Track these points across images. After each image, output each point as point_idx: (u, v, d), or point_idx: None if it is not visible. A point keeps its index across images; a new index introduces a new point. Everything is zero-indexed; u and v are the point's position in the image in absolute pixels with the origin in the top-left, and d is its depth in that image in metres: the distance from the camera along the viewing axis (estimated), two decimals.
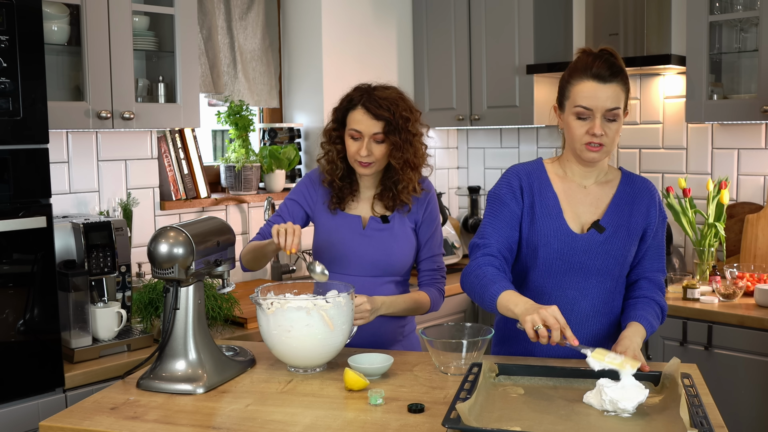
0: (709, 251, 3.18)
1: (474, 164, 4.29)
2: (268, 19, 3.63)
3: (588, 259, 1.96)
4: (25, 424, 2.10)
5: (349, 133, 2.17)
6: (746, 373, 2.78)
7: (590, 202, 2.01)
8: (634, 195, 2.01)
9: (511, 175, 2.05)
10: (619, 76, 1.90)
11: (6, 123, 2.01)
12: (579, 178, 2.02)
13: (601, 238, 1.96)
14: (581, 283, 1.98)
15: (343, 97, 2.24)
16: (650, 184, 2.05)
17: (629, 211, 1.99)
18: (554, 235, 1.97)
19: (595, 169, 2.02)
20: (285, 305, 1.86)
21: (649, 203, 2.01)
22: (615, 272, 1.99)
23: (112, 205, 2.80)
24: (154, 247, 1.82)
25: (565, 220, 1.98)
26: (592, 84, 1.89)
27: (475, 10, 3.79)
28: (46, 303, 2.11)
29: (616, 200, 2.00)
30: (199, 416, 1.67)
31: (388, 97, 2.16)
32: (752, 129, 3.30)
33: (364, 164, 2.17)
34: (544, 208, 1.99)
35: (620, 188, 2.02)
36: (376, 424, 1.59)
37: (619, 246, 1.97)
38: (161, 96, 2.91)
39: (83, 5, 2.51)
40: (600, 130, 1.89)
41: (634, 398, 1.56)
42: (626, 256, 1.99)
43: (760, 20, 2.99)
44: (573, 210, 2.00)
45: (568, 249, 1.96)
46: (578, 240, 1.97)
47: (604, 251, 1.96)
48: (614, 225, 1.98)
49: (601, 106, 1.89)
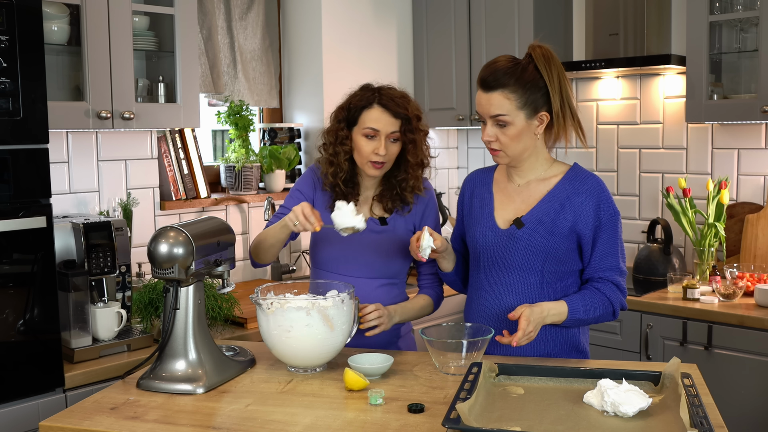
0: (709, 251, 3.18)
1: (474, 164, 4.29)
2: (268, 19, 3.63)
3: (508, 253, 2.01)
4: (25, 424, 2.10)
5: (364, 132, 2.14)
6: (746, 373, 2.78)
7: (522, 200, 2.05)
8: (571, 192, 2.00)
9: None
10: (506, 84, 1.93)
11: (6, 123, 2.01)
12: (515, 176, 2.08)
13: (519, 233, 2.00)
14: (505, 277, 2.03)
15: (351, 96, 2.21)
16: (594, 183, 2.01)
17: (559, 207, 1.99)
18: (480, 231, 2.07)
19: (528, 168, 2.04)
20: (285, 305, 1.86)
21: (584, 201, 1.99)
22: (537, 267, 2.00)
23: (112, 205, 2.80)
24: (154, 247, 1.82)
25: (494, 217, 2.06)
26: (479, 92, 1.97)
27: (475, 10, 3.79)
28: (46, 303, 2.11)
29: (548, 197, 2.01)
30: (199, 416, 1.67)
31: (402, 96, 2.18)
32: (752, 129, 3.30)
33: (378, 164, 2.15)
34: (480, 209, 2.10)
35: (558, 185, 2.02)
36: (376, 424, 1.59)
37: (539, 242, 1.98)
38: (161, 96, 2.91)
39: (83, 5, 2.51)
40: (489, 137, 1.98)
41: (636, 404, 1.55)
42: (550, 251, 1.98)
43: (760, 20, 2.99)
44: (504, 208, 2.06)
45: (491, 244, 2.04)
46: (500, 235, 2.03)
47: (523, 247, 1.99)
48: (536, 221, 1.99)
49: (484, 112, 1.96)
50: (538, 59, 1.94)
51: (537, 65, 1.94)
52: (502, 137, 1.96)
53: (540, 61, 1.94)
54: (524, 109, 1.94)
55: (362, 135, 2.15)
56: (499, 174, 2.13)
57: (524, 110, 1.94)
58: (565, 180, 2.02)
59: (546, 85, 1.94)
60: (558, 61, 1.97)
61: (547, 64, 1.95)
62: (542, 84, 1.94)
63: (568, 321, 1.96)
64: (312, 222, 1.97)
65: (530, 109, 1.94)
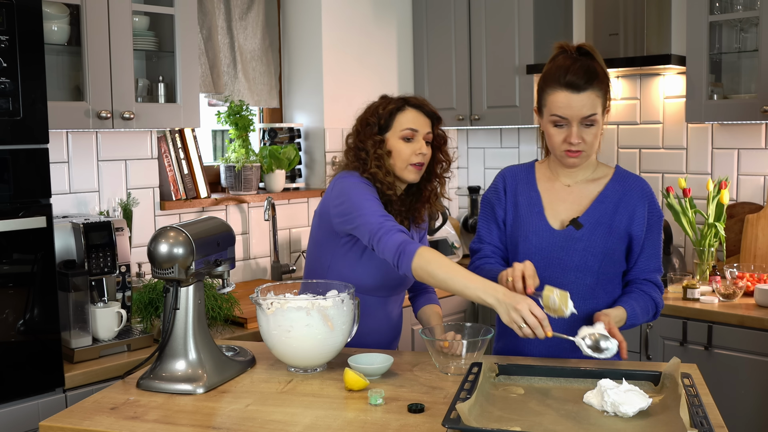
0: (709, 251, 3.18)
1: (474, 164, 4.29)
2: (268, 19, 3.63)
3: (566, 255, 1.98)
4: (25, 424, 2.10)
5: (403, 135, 2.10)
6: (746, 373, 2.78)
7: (573, 200, 2.03)
8: (623, 193, 2.01)
9: (498, 178, 2.13)
10: (594, 83, 1.91)
11: (6, 123, 2.01)
12: (563, 177, 2.05)
13: (578, 234, 1.98)
14: (560, 278, 1.98)
15: (374, 107, 2.16)
16: (644, 184, 2.04)
17: (614, 209, 1.99)
18: (533, 231, 2.01)
19: (580, 169, 2.03)
20: (285, 305, 1.86)
21: (636, 203, 2.00)
22: (594, 268, 1.98)
23: (112, 205, 2.80)
24: (154, 247, 1.82)
25: (545, 217, 2.02)
26: (566, 94, 1.90)
27: (475, 10, 3.79)
28: (46, 303, 2.11)
29: (601, 198, 2.01)
30: (199, 416, 1.67)
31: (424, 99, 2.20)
32: (752, 129, 3.30)
33: (419, 166, 2.11)
34: (527, 207, 2.05)
35: (609, 186, 2.02)
36: (376, 424, 1.59)
37: (598, 243, 1.97)
38: (161, 96, 2.91)
39: (83, 5, 2.51)
40: (576, 138, 1.92)
41: (636, 404, 1.55)
42: (607, 253, 1.98)
43: (760, 20, 2.99)
44: (554, 208, 2.03)
45: (546, 245, 2.00)
46: (556, 236, 1.99)
47: (582, 248, 1.97)
48: (594, 222, 1.98)
49: (576, 115, 1.90)
50: (598, 56, 1.95)
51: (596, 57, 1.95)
52: (587, 137, 1.93)
53: (600, 58, 1.95)
54: (603, 105, 1.95)
55: (400, 138, 2.10)
56: (540, 172, 2.09)
57: (603, 107, 1.94)
58: (614, 181, 2.03)
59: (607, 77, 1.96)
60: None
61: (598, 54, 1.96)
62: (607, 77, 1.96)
63: (624, 326, 1.96)
64: (545, 327, 1.73)
65: (605, 103, 1.96)
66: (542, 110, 1.99)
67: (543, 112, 1.98)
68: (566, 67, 1.91)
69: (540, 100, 1.99)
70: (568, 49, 1.98)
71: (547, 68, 1.98)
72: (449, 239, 3.68)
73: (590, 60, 1.94)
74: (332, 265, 2.13)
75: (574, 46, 1.98)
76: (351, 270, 2.10)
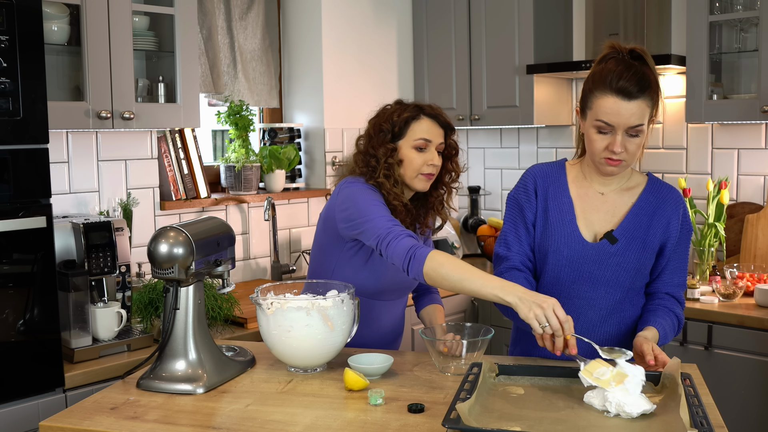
0: (709, 251, 3.18)
1: (474, 164, 4.29)
2: (268, 19, 3.63)
3: (598, 269, 1.89)
4: (25, 424, 2.10)
5: (416, 144, 2.07)
6: (746, 373, 2.78)
7: (606, 210, 1.93)
8: (657, 205, 1.92)
9: (527, 177, 2.00)
10: (647, 92, 1.78)
11: (6, 123, 2.01)
12: (597, 184, 1.95)
13: (613, 249, 1.88)
14: (589, 292, 1.91)
15: (389, 112, 2.12)
16: (677, 195, 1.95)
17: (648, 222, 1.90)
18: (565, 243, 1.91)
19: (615, 177, 1.93)
20: (285, 305, 1.86)
21: (671, 215, 1.91)
22: (626, 284, 1.91)
23: (112, 205, 2.80)
24: (154, 247, 1.82)
25: (577, 227, 1.91)
26: (616, 100, 1.77)
27: (475, 10, 3.79)
28: (46, 303, 2.11)
29: (636, 209, 1.91)
30: (199, 416, 1.67)
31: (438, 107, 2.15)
32: (752, 129, 3.30)
33: (430, 176, 2.10)
34: (558, 214, 1.93)
35: (642, 196, 1.93)
36: (376, 424, 1.59)
37: (632, 258, 1.89)
38: (161, 96, 2.91)
39: (83, 5, 2.51)
40: (620, 147, 1.80)
41: (640, 405, 1.55)
42: (639, 268, 1.91)
43: (760, 20, 2.99)
44: (587, 217, 1.93)
45: (578, 257, 1.90)
46: (589, 249, 1.90)
47: (615, 263, 1.89)
48: (629, 236, 1.89)
49: (623, 123, 1.79)
50: (651, 61, 1.81)
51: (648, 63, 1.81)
52: (630, 146, 1.81)
53: (653, 63, 1.82)
54: (651, 115, 1.83)
55: (413, 147, 2.08)
56: (572, 175, 1.98)
57: (650, 117, 1.82)
58: (648, 191, 1.93)
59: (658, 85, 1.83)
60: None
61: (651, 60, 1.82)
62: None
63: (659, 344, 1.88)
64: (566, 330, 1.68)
65: (652, 115, 1.83)
66: (586, 112, 1.85)
67: (587, 114, 1.85)
68: (619, 72, 1.78)
69: (585, 101, 1.86)
70: (621, 50, 1.84)
71: (597, 69, 1.84)
72: (449, 239, 3.68)
73: (644, 66, 1.81)
74: (336, 269, 2.13)
75: (626, 48, 1.84)
76: (355, 274, 2.09)
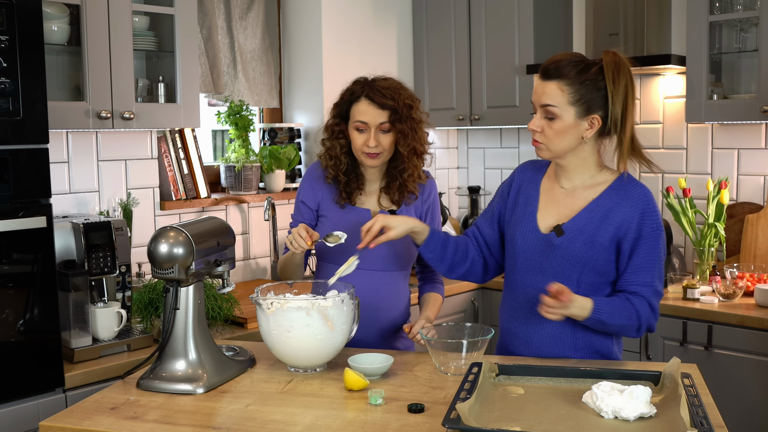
0: (709, 251, 3.18)
1: (474, 164, 4.29)
2: (268, 19, 3.63)
3: (545, 260, 1.96)
4: (25, 424, 2.10)
5: (355, 126, 2.18)
6: (746, 373, 2.78)
7: (566, 205, 1.98)
8: (616, 202, 1.93)
9: (514, 172, 2.14)
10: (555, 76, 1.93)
11: (6, 123, 2.01)
12: (562, 179, 2.02)
13: (557, 241, 1.94)
14: (539, 283, 1.94)
15: (343, 91, 2.25)
16: (642, 194, 1.94)
17: (602, 218, 1.92)
18: (520, 233, 2.01)
19: (575, 172, 1.98)
20: (285, 305, 1.86)
21: (629, 213, 1.91)
22: (574, 277, 1.93)
23: (112, 205, 2.80)
24: (154, 247, 1.82)
25: (536, 219, 2.00)
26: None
27: (475, 10, 3.79)
28: (46, 303, 2.11)
29: (592, 206, 1.94)
30: (199, 416, 1.67)
31: (390, 87, 2.19)
32: (752, 129, 3.30)
33: (372, 155, 2.18)
34: (524, 207, 2.04)
35: (604, 193, 1.95)
36: (376, 424, 1.59)
37: (577, 252, 1.92)
38: (161, 96, 2.91)
39: (83, 5, 2.51)
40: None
41: (638, 408, 1.54)
42: (587, 263, 1.92)
43: (760, 20, 2.99)
44: (547, 210, 2.00)
45: (528, 247, 1.99)
46: (539, 239, 1.97)
47: (560, 255, 1.93)
48: (576, 230, 1.93)
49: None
50: (607, 64, 1.88)
51: (604, 68, 1.89)
52: (548, 130, 1.91)
53: (609, 66, 1.88)
54: (576, 105, 1.88)
55: (353, 128, 2.19)
56: (550, 173, 2.06)
57: (575, 107, 1.88)
58: (611, 189, 1.95)
59: (605, 88, 1.88)
60: (629, 73, 1.90)
61: (616, 70, 1.88)
62: (602, 86, 1.88)
63: (590, 321, 1.88)
64: (301, 243, 2.06)
65: (582, 108, 1.88)
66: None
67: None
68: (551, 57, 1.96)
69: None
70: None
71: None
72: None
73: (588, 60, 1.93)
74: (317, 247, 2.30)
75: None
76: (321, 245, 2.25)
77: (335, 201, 2.26)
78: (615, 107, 1.88)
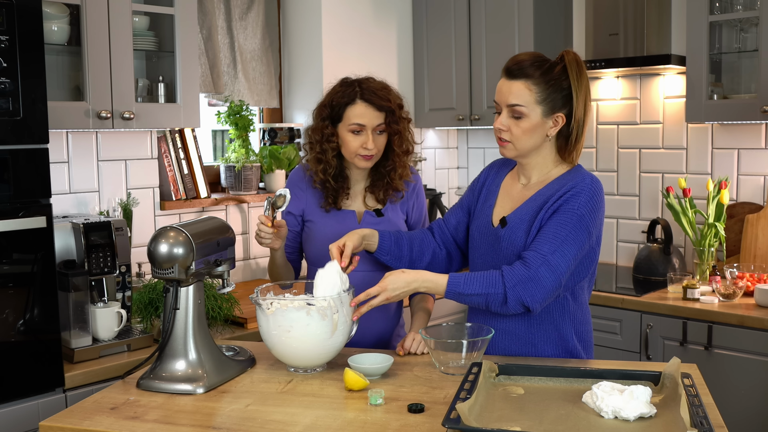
0: (709, 251, 3.18)
1: (474, 164, 4.29)
2: (268, 19, 3.63)
3: (494, 252, 1.99)
4: (25, 424, 2.10)
5: (351, 128, 2.16)
6: (746, 373, 2.78)
7: (519, 198, 2.01)
8: (555, 189, 1.93)
9: (484, 169, 2.19)
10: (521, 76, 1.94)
11: (6, 123, 2.01)
12: (521, 176, 2.05)
13: (502, 232, 1.97)
14: None
15: (331, 94, 2.21)
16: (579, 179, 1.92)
17: (538, 208, 1.93)
18: (476, 226, 2.06)
19: (533, 168, 2.00)
20: (285, 305, 1.86)
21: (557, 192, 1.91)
22: None
23: (112, 205, 2.80)
24: (154, 247, 1.82)
25: (491, 213, 2.04)
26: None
27: (475, 10, 3.79)
28: (46, 303, 2.11)
29: (535, 196, 1.96)
30: (199, 416, 1.67)
31: (383, 87, 2.19)
32: (752, 129, 3.30)
33: (368, 157, 2.18)
34: (484, 201, 2.09)
35: (549, 184, 1.96)
36: (376, 424, 1.59)
37: (518, 242, 1.93)
38: (161, 96, 2.91)
39: (83, 5, 2.51)
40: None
41: (638, 408, 1.54)
42: None
43: (760, 20, 2.99)
44: (503, 205, 2.03)
45: (481, 241, 2.03)
46: (490, 233, 2.01)
47: (504, 247, 1.96)
48: (518, 221, 1.95)
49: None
50: (570, 63, 1.91)
51: (567, 67, 1.92)
52: (515, 129, 1.93)
53: (572, 66, 1.91)
54: (542, 104, 1.91)
55: (348, 131, 2.17)
56: (513, 171, 2.09)
57: (542, 106, 1.91)
58: (556, 180, 1.96)
59: (569, 87, 1.91)
60: (586, 75, 1.95)
61: (579, 70, 1.92)
62: (566, 86, 1.91)
63: (448, 294, 1.89)
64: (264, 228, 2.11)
65: (548, 106, 1.91)
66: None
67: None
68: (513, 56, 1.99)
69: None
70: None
71: None
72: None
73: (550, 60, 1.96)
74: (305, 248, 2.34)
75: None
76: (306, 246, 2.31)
77: (321, 206, 2.25)
78: (578, 105, 1.92)
